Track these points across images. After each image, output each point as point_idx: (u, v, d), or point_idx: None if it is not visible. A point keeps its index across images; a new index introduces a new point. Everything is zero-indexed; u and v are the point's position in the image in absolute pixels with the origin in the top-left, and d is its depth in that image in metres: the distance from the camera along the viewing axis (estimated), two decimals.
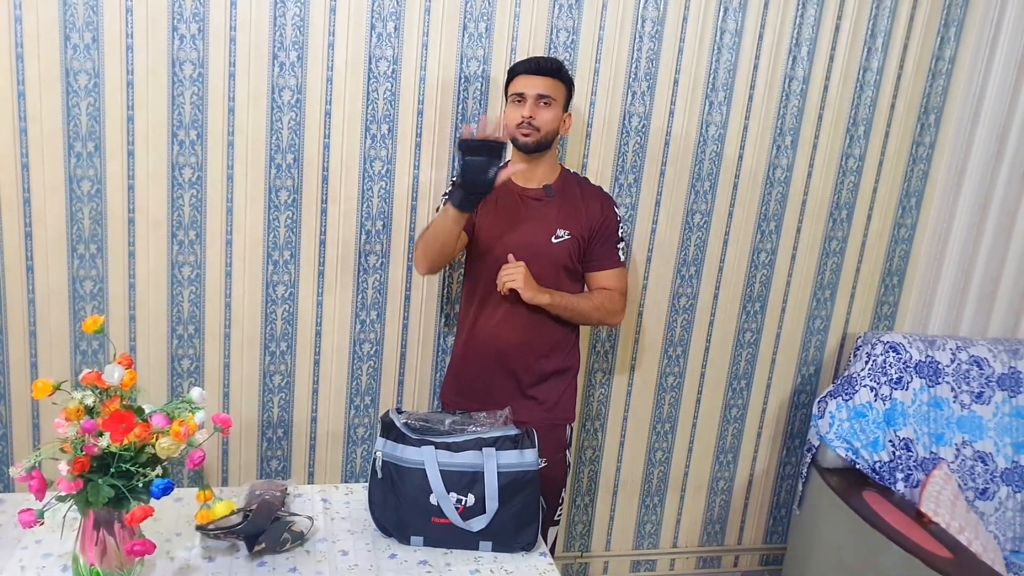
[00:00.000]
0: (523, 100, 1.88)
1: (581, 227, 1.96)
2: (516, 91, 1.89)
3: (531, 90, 1.87)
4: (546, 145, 1.91)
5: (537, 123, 1.87)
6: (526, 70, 1.89)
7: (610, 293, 2.00)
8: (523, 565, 1.54)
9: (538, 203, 1.96)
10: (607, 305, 1.99)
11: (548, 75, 1.88)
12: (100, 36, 1.90)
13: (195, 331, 2.12)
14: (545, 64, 1.89)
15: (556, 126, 1.91)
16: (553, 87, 1.88)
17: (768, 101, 2.32)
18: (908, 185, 2.50)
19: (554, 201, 1.96)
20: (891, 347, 2.38)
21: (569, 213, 1.96)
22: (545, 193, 1.96)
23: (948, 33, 2.39)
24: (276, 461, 2.28)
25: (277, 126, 2.04)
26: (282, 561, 1.48)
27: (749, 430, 2.63)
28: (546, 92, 1.87)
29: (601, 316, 2.00)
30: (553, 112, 1.89)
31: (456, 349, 2.08)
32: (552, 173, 1.99)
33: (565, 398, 2.05)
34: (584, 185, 2.03)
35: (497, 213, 1.95)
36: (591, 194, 2.01)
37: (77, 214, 1.98)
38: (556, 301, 1.91)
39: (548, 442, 1.94)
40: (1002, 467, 2.37)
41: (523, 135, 1.88)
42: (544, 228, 1.94)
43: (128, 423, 1.23)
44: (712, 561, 2.75)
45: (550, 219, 1.95)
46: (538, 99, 1.87)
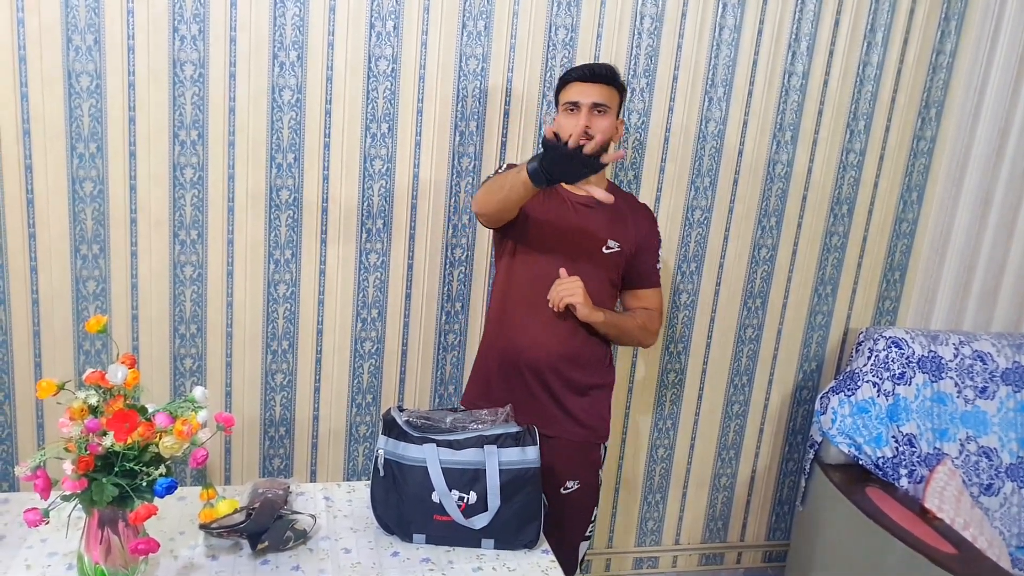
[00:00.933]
0: (577, 109, 1.79)
1: (629, 241, 1.89)
2: (570, 100, 1.80)
3: (586, 99, 1.78)
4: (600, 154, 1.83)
5: (593, 132, 1.73)
6: (580, 77, 1.80)
7: (651, 313, 1.94)
8: (525, 562, 1.54)
9: (588, 210, 1.87)
10: (649, 326, 1.93)
11: (603, 82, 1.79)
12: (102, 38, 1.91)
13: (197, 330, 2.13)
14: (600, 71, 1.80)
15: (609, 135, 1.79)
16: (608, 94, 1.80)
17: (768, 96, 2.32)
18: (909, 180, 2.50)
19: (605, 211, 1.85)
20: (893, 342, 2.37)
21: (618, 225, 1.88)
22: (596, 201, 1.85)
23: (948, 27, 2.38)
24: (279, 460, 2.29)
25: (278, 126, 2.05)
26: (285, 559, 1.48)
27: (751, 426, 2.63)
28: (601, 100, 1.79)
29: (642, 338, 1.94)
30: (608, 120, 1.80)
31: (485, 354, 1.96)
32: (601, 182, 1.87)
33: (602, 416, 1.95)
34: (629, 199, 1.98)
35: (547, 218, 1.86)
36: (637, 208, 1.95)
37: (80, 215, 1.99)
38: (608, 319, 1.84)
39: (583, 462, 1.92)
40: (1007, 462, 2.37)
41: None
42: (596, 237, 1.86)
43: (132, 422, 1.24)
44: (715, 558, 2.75)
45: (601, 228, 1.87)
46: (593, 108, 1.78)
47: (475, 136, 2.16)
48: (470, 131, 2.16)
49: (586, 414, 1.91)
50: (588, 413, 1.92)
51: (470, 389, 2.00)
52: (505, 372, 1.90)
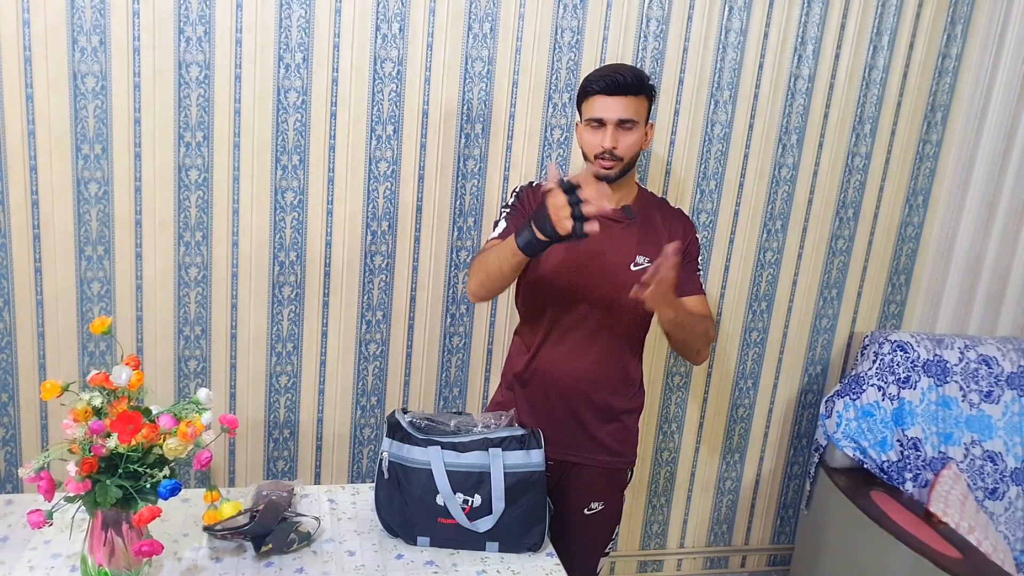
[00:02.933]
0: (602, 125, 1.63)
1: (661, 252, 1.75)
2: (593, 115, 1.64)
3: (611, 115, 1.61)
4: (628, 170, 1.70)
5: (620, 152, 1.64)
6: (603, 90, 1.62)
7: (710, 320, 1.77)
8: (529, 565, 1.54)
9: (617, 225, 1.73)
10: (708, 331, 1.74)
11: (630, 93, 1.61)
12: (107, 39, 1.91)
13: (202, 332, 2.13)
14: (626, 83, 1.61)
15: (636, 151, 1.67)
16: (635, 107, 1.62)
17: (773, 100, 2.32)
18: (915, 183, 2.49)
19: (634, 224, 1.73)
20: (899, 346, 2.37)
21: (649, 238, 1.74)
22: (625, 215, 1.74)
23: (955, 31, 2.38)
24: (283, 462, 2.28)
25: (283, 127, 2.05)
26: (289, 561, 1.48)
27: (756, 430, 2.63)
28: (628, 116, 1.61)
29: (703, 344, 1.76)
30: (636, 135, 1.64)
31: (509, 376, 1.86)
32: (631, 193, 1.77)
33: (630, 442, 1.86)
34: (664, 208, 1.82)
35: None
36: (672, 217, 1.79)
37: (85, 216, 1.99)
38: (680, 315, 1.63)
39: (609, 485, 1.86)
40: (1012, 467, 2.36)
41: (604, 167, 1.66)
42: (622, 254, 1.72)
43: (136, 424, 1.24)
44: (719, 561, 2.74)
45: (629, 244, 1.72)
46: (619, 124, 1.62)
47: (480, 139, 2.16)
48: (475, 134, 2.16)
49: (615, 440, 1.83)
50: (617, 439, 1.83)
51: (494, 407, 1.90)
52: (531, 397, 1.81)
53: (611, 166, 1.66)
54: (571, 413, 1.78)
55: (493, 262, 1.60)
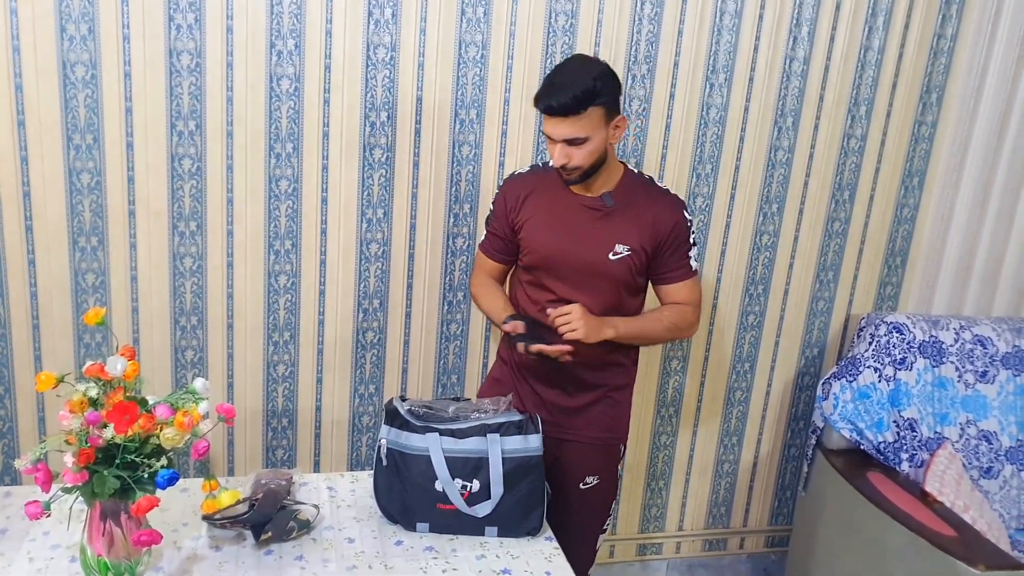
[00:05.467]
0: (554, 140, 1.66)
1: (644, 239, 1.75)
2: (544, 131, 1.68)
3: (556, 135, 1.64)
4: (594, 171, 1.72)
5: (573, 165, 1.67)
6: (543, 111, 1.64)
7: (681, 308, 1.82)
8: (529, 550, 1.55)
9: (596, 213, 1.76)
10: (679, 323, 1.81)
11: (571, 115, 1.60)
12: (96, 27, 1.89)
13: (198, 322, 2.13)
14: (563, 106, 1.59)
15: (597, 155, 1.68)
16: (581, 125, 1.61)
17: (769, 82, 2.31)
18: (910, 165, 2.49)
19: (614, 211, 1.75)
20: (895, 328, 2.37)
21: (630, 224, 1.75)
22: (603, 203, 1.76)
23: (949, 11, 2.37)
24: (281, 450, 2.29)
25: (276, 115, 2.04)
26: (288, 549, 1.49)
27: (753, 413, 2.63)
28: (574, 135, 1.62)
29: (673, 335, 1.85)
30: (589, 148, 1.64)
31: (501, 359, 1.96)
32: (612, 179, 1.77)
33: (622, 417, 1.91)
34: (649, 190, 1.80)
35: (552, 224, 1.77)
36: (657, 200, 1.78)
37: (77, 206, 1.98)
38: (622, 332, 1.73)
39: (603, 459, 1.90)
40: (1007, 446, 2.37)
41: (565, 175, 1.71)
42: (601, 244, 1.75)
43: (132, 414, 1.24)
44: (718, 543, 2.76)
45: (608, 233, 1.75)
46: (567, 143, 1.64)
47: (475, 124, 2.15)
48: (470, 119, 2.14)
49: (605, 417, 1.88)
50: (607, 416, 1.88)
51: (489, 390, 1.96)
52: (521, 378, 1.89)
53: (570, 175, 1.71)
54: (562, 391, 1.85)
55: (485, 310, 1.89)
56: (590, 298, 1.75)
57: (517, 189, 1.84)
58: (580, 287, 1.76)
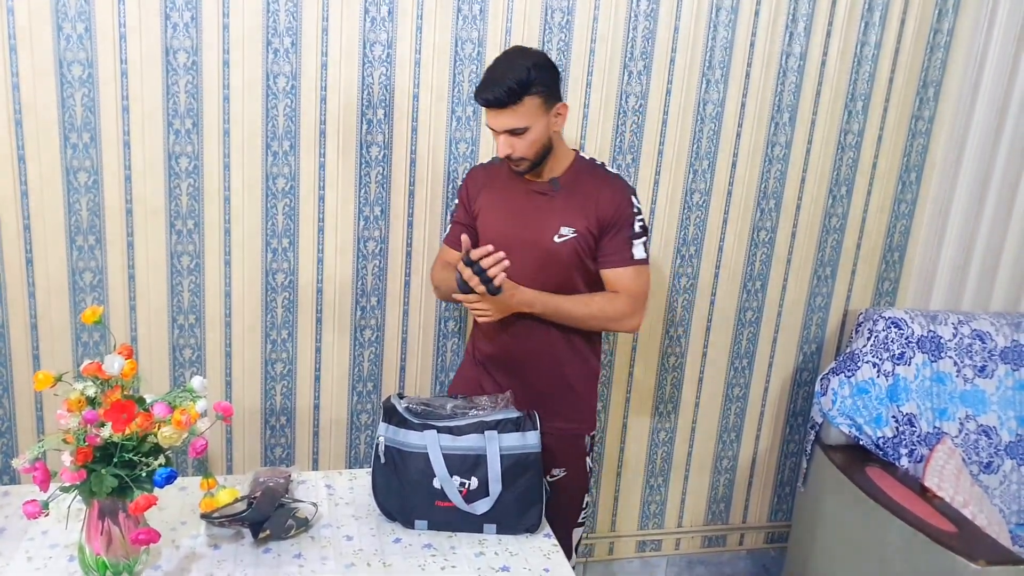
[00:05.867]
0: (497, 131, 1.70)
1: (588, 221, 1.77)
2: (487, 123, 1.72)
3: (497, 127, 1.68)
4: (541, 160, 1.76)
5: (517, 156, 1.71)
6: (483, 104, 1.68)
7: (612, 297, 1.80)
8: (527, 546, 1.55)
9: (542, 198, 1.80)
10: (607, 311, 1.79)
11: (509, 106, 1.64)
12: (93, 26, 1.89)
13: (196, 320, 2.13)
14: (499, 99, 1.63)
15: (540, 144, 1.72)
16: (521, 115, 1.65)
17: (765, 78, 2.31)
18: (908, 160, 2.49)
19: (560, 195, 1.79)
20: (893, 323, 2.37)
21: (576, 207, 1.78)
22: (551, 187, 1.80)
23: (946, 5, 2.36)
24: (280, 448, 2.29)
25: (273, 113, 2.03)
26: (287, 547, 1.49)
27: (752, 409, 2.64)
28: (514, 126, 1.66)
29: (602, 324, 1.83)
30: (531, 137, 1.68)
31: (468, 351, 2.00)
32: (561, 164, 1.81)
33: (585, 408, 1.93)
34: (596, 174, 1.83)
35: (502, 209, 1.83)
36: (602, 184, 1.81)
37: (75, 205, 1.98)
38: (539, 308, 1.76)
39: (568, 452, 1.90)
40: (1006, 440, 2.38)
41: (513, 165, 1.75)
42: (547, 226, 1.78)
43: (129, 413, 1.24)
44: (717, 540, 2.76)
45: (553, 215, 1.78)
46: (509, 132, 1.68)
47: (472, 121, 2.15)
48: (467, 116, 2.14)
49: (568, 407, 1.89)
50: (571, 406, 1.90)
51: (458, 375, 2.03)
52: (484, 369, 1.93)
53: (517, 165, 1.75)
54: (523, 382, 1.85)
55: (447, 289, 1.83)
56: (540, 282, 1.78)
57: (477, 179, 1.93)
58: (530, 271, 1.76)
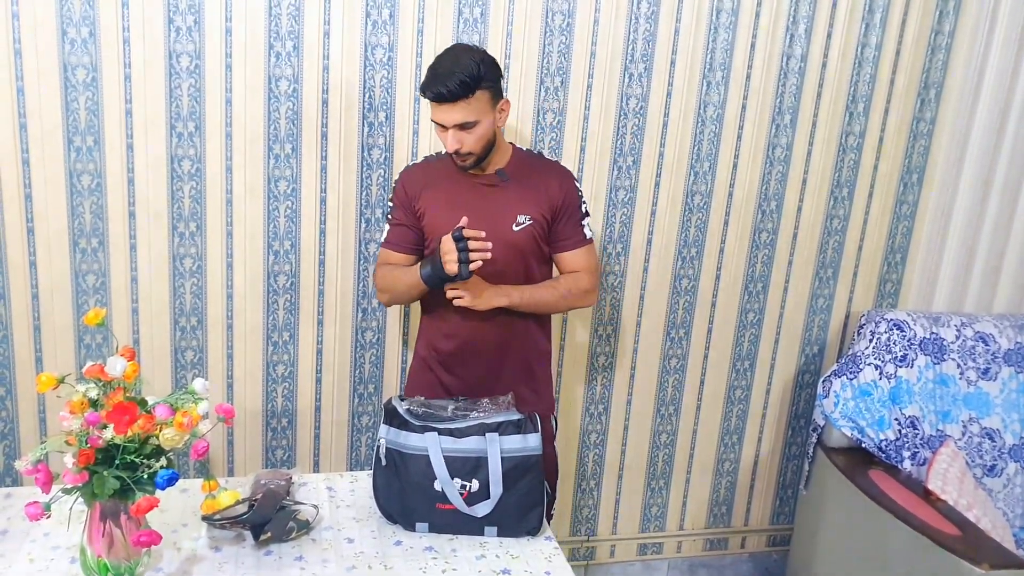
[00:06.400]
0: (444, 128, 1.71)
1: (541, 208, 1.84)
2: (433, 118, 1.73)
3: (448, 122, 1.69)
4: (486, 154, 1.79)
5: (466, 150, 1.74)
6: (432, 99, 1.68)
7: (576, 276, 1.89)
8: (528, 549, 1.55)
9: (493, 189, 1.84)
10: (573, 289, 1.88)
11: (459, 99, 1.66)
12: (97, 30, 1.90)
13: (198, 323, 2.13)
14: (450, 92, 1.65)
15: (487, 139, 1.75)
16: (471, 109, 1.67)
17: (766, 80, 2.31)
18: (909, 161, 2.49)
19: (509, 186, 1.83)
20: (895, 325, 2.37)
21: (527, 196, 1.83)
22: (499, 178, 1.84)
23: (947, 7, 2.36)
24: (281, 451, 2.29)
25: (275, 116, 2.04)
26: (288, 550, 1.49)
27: (754, 411, 2.63)
28: (463, 120, 1.68)
29: (569, 302, 1.92)
30: (480, 130, 1.71)
31: (422, 344, 1.97)
32: (503, 157, 1.85)
33: (545, 389, 1.99)
34: (539, 163, 1.90)
35: (450, 204, 1.81)
36: (548, 171, 1.88)
37: (78, 208, 1.99)
38: (516, 300, 1.80)
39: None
40: (1010, 443, 2.37)
41: (460, 162, 1.78)
42: (503, 216, 1.81)
43: (132, 415, 1.24)
44: (719, 543, 2.76)
45: (508, 205, 1.82)
46: (459, 127, 1.70)
47: None
48: None
49: (529, 390, 1.93)
50: (530, 388, 1.94)
51: (413, 380, 2.01)
52: (441, 361, 1.93)
53: (464, 160, 1.78)
54: (486, 374, 1.89)
55: (402, 287, 1.85)
56: (501, 271, 1.80)
57: (415, 179, 1.90)
58: (491, 261, 1.74)
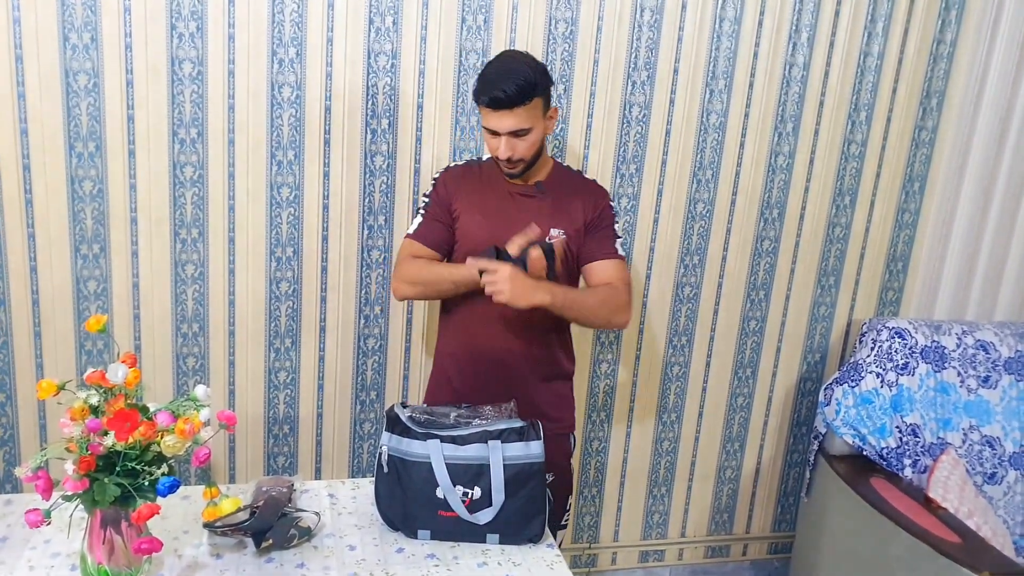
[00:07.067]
0: (496, 134, 1.71)
1: (575, 223, 1.84)
2: (486, 125, 1.72)
3: (501, 129, 1.69)
4: (534, 163, 1.80)
5: (517, 157, 1.74)
6: (487, 105, 1.68)
7: (612, 286, 1.82)
8: (530, 557, 1.54)
9: (530, 201, 1.84)
10: (613, 299, 1.80)
11: (515, 106, 1.66)
12: (99, 36, 1.90)
13: (199, 329, 2.13)
14: (506, 99, 1.65)
15: (538, 147, 1.76)
16: (523, 117, 1.68)
17: (769, 88, 2.31)
18: (911, 170, 2.49)
19: (546, 198, 1.84)
20: (896, 333, 2.37)
21: (561, 210, 1.84)
22: (537, 190, 1.84)
23: (949, 16, 2.37)
24: (283, 457, 2.28)
25: (277, 123, 2.04)
26: (289, 557, 1.48)
27: (755, 418, 2.63)
28: (519, 127, 1.69)
29: (608, 312, 1.81)
30: (532, 138, 1.72)
31: (442, 353, 1.95)
32: (543, 170, 1.87)
33: (566, 406, 1.96)
34: (576, 179, 1.91)
35: (486, 212, 1.83)
36: (584, 188, 1.89)
37: (79, 214, 1.99)
38: (558, 300, 1.70)
39: (556, 453, 1.88)
40: (1010, 451, 2.37)
41: (508, 169, 1.78)
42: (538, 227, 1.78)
43: (133, 421, 1.24)
44: (721, 550, 2.75)
45: (543, 218, 1.81)
46: (511, 134, 1.70)
47: (475, 131, 2.16)
48: (471, 126, 2.15)
49: (551, 407, 1.91)
50: (552, 405, 1.92)
51: (432, 390, 1.98)
52: (462, 371, 1.90)
53: (513, 168, 1.77)
54: (506, 384, 1.85)
55: (444, 282, 1.79)
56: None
57: (455, 179, 1.89)
58: None
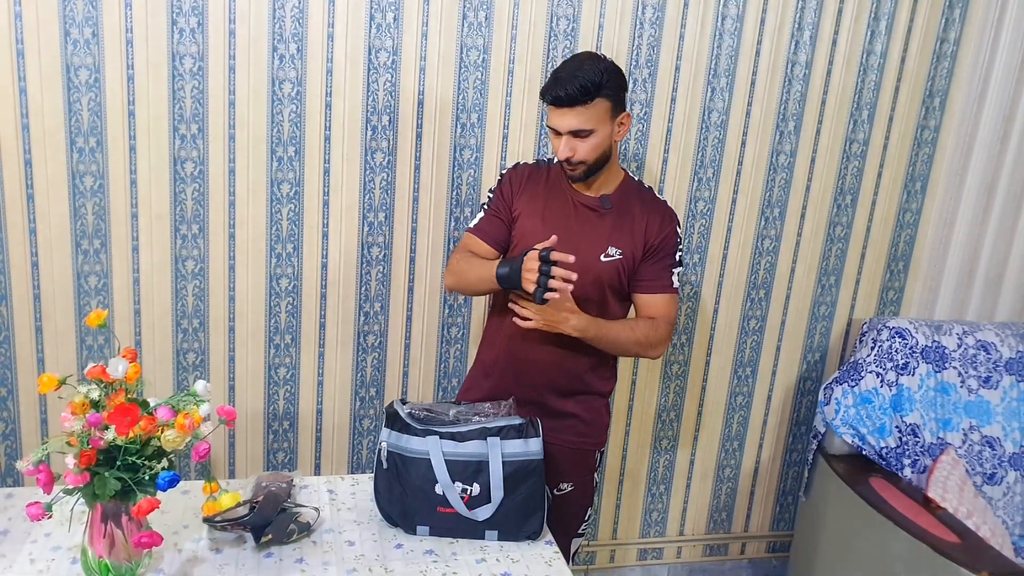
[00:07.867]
0: (559, 133, 1.66)
1: (635, 244, 1.76)
2: (549, 123, 1.67)
3: (563, 127, 1.64)
4: (598, 168, 1.73)
5: (578, 159, 1.67)
6: (551, 103, 1.64)
7: (655, 323, 1.78)
8: (529, 553, 1.55)
9: (592, 214, 1.77)
10: (650, 337, 1.77)
11: (578, 105, 1.61)
12: (100, 31, 1.90)
13: (200, 325, 2.13)
14: (571, 97, 1.60)
15: (602, 150, 1.69)
16: (588, 116, 1.62)
17: (771, 87, 2.31)
18: (913, 169, 2.49)
19: (610, 214, 1.76)
20: (897, 332, 2.37)
21: (623, 228, 1.76)
22: (601, 204, 1.77)
23: (952, 14, 2.37)
24: (282, 453, 2.29)
25: (278, 119, 2.04)
26: (289, 552, 1.49)
27: (755, 417, 2.63)
28: (580, 127, 1.63)
29: (640, 351, 1.79)
30: (595, 140, 1.65)
31: (483, 358, 1.92)
32: (612, 182, 1.79)
33: (599, 424, 1.90)
34: (646, 197, 1.82)
35: (546, 220, 1.77)
36: (651, 209, 1.79)
37: (80, 209, 1.99)
38: (590, 333, 1.71)
39: (578, 466, 1.88)
40: (1010, 452, 2.37)
41: (569, 170, 1.72)
42: (595, 244, 1.75)
43: (133, 416, 1.24)
44: (719, 549, 2.75)
45: (602, 234, 1.75)
46: (573, 134, 1.65)
47: (476, 128, 2.16)
48: (471, 123, 2.15)
49: (581, 421, 1.87)
50: (583, 420, 1.87)
51: (467, 385, 1.98)
52: (501, 377, 1.86)
53: (574, 170, 1.71)
54: (539, 394, 1.82)
55: (473, 277, 1.76)
56: (578, 297, 1.72)
57: (521, 177, 1.84)
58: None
